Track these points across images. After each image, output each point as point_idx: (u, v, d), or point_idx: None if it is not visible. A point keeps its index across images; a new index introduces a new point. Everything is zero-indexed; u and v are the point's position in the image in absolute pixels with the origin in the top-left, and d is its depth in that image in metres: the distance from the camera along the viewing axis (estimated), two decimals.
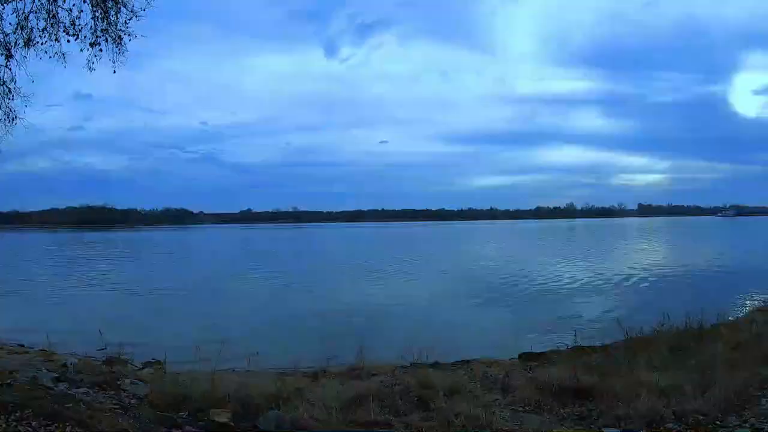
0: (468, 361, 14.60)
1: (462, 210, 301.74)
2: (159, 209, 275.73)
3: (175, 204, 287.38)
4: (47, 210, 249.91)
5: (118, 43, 11.04)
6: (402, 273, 42.38)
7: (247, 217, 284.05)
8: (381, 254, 62.42)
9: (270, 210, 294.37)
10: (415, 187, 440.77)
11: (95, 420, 6.77)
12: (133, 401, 9.72)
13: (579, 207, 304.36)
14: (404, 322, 22.94)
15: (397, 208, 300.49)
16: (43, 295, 33.37)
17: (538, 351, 15.45)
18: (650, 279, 35.94)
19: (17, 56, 11.04)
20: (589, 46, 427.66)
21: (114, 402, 9.37)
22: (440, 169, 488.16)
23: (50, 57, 10.99)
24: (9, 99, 11.42)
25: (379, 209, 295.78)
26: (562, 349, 14.71)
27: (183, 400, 9.54)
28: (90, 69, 11.13)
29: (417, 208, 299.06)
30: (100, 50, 11.01)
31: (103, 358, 15.39)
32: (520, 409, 9.62)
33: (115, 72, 11.11)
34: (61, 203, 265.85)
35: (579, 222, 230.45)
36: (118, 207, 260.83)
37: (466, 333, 21.35)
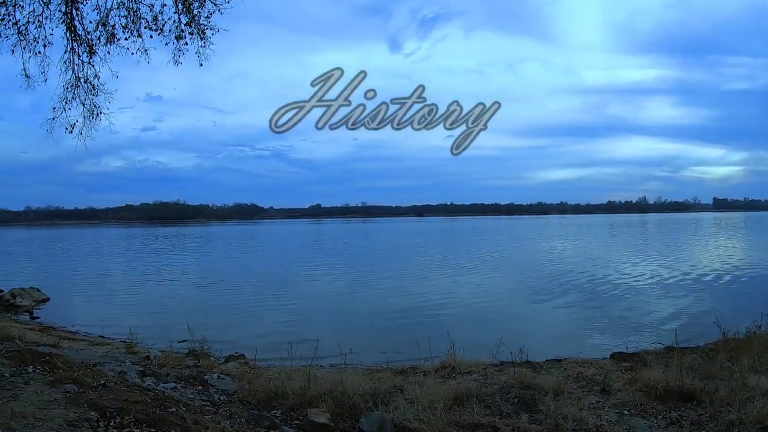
0: (560, 360, 13.86)
1: (531, 204, 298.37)
2: (230, 205, 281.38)
3: (245, 200, 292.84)
4: (122, 206, 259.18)
5: (202, 37, 10.91)
6: (477, 268, 41.27)
7: (316, 212, 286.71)
8: (454, 249, 61.33)
9: (339, 205, 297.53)
10: (483, 182, 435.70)
11: (201, 426, 6.29)
12: (222, 397, 9.30)
13: (651, 201, 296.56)
14: (485, 318, 22.18)
15: (466, 202, 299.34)
16: (120, 287, 33.95)
17: (628, 351, 14.60)
18: (738, 277, 33.85)
19: (100, 53, 11.05)
20: (657, 32, 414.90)
21: (203, 398, 8.97)
22: (508, 163, 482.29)
23: (132, 54, 10.96)
24: (93, 95, 11.38)
25: (448, 204, 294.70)
26: (656, 349, 14.01)
27: (275, 397, 9.13)
28: (176, 63, 11.08)
29: (485, 203, 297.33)
30: (186, 44, 10.95)
31: (185, 351, 15.31)
32: (626, 412, 8.99)
33: (201, 65, 10.97)
34: (135, 200, 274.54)
35: (652, 217, 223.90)
36: (190, 203, 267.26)
37: (549, 331, 20.48)
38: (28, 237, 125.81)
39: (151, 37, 10.87)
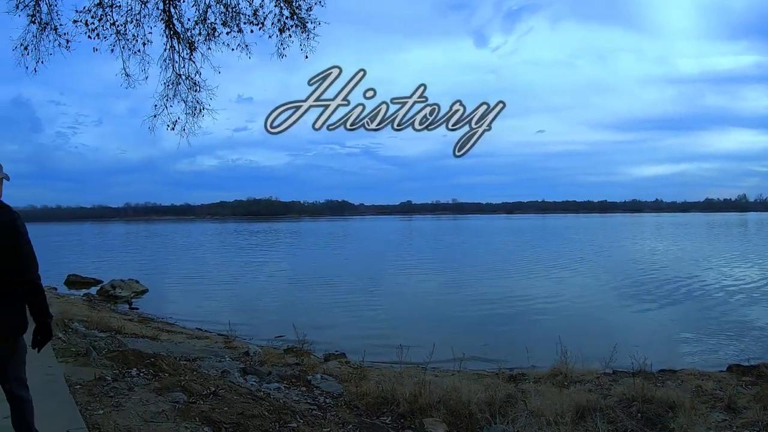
0: (674, 371, 12.95)
1: (625, 202, 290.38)
2: (321, 201, 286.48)
3: (336, 196, 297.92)
4: (216, 203, 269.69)
5: (304, 30, 10.80)
6: (578, 270, 39.30)
7: (406, 209, 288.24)
8: (549, 248, 59.28)
9: (429, 202, 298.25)
10: (576, 178, 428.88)
11: None
12: (327, 400, 8.90)
13: (752, 199, 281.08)
14: (589, 323, 20.88)
15: (558, 199, 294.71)
16: (216, 281, 34.58)
17: (747, 363, 13.49)
18: None
19: (201, 49, 11.03)
20: (751, 14, 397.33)
21: (308, 401, 8.60)
22: (600, 158, 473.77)
23: (232, 49, 10.91)
24: (195, 92, 11.32)
25: (539, 200, 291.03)
26: None
27: (383, 403, 8.63)
28: (280, 56, 11.01)
29: (578, 200, 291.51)
30: (290, 36, 10.82)
31: (284, 347, 15.11)
32: None
33: (306, 57, 10.89)
34: (229, 197, 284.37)
35: (752, 216, 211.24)
36: (282, 200, 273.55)
37: (656, 337, 18.99)
38: (127, 231, 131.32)
39: (251, 31, 10.83)
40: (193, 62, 11.11)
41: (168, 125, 11.29)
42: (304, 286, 31.33)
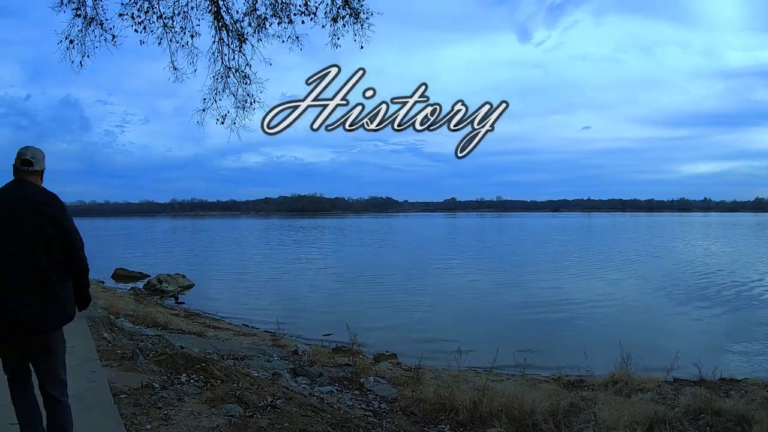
0: (737, 381, 12.31)
1: (673, 201, 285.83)
2: (365, 198, 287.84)
3: (380, 193, 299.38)
4: (261, 199, 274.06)
5: (356, 19, 10.48)
6: (626, 271, 38.10)
7: (451, 206, 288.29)
8: (599, 249, 58.04)
9: (474, 199, 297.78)
10: (622, 176, 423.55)
11: None
12: (382, 405, 8.55)
13: None
14: (642, 328, 20.09)
15: (603, 197, 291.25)
16: (262, 276, 34.67)
17: None
18: None
19: (251, 41, 10.85)
20: None
21: (362, 406, 8.30)
22: (648, 155, 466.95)
23: (282, 41, 10.69)
24: (245, 84, 11.12)
25: (584, 199, 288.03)
26: None
27: (441, 410, 8.23)
28: (335, 46, 10.69)
29: (624, 198, 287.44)
30: (343, 26, 10.48)
31: (332, 346, 14.89)
32: None
33: (362, 47, 10.62)
34: (273, 193, 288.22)
35: None
36: (326, 196, 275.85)
37: (711, 344, 18.14)
38: (173, 227, 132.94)
39: (303, 22, 10.54)
40: (243, 54, 10.93)
41: (217, 119, 11.12)
42: (349, 283, 31.09)
